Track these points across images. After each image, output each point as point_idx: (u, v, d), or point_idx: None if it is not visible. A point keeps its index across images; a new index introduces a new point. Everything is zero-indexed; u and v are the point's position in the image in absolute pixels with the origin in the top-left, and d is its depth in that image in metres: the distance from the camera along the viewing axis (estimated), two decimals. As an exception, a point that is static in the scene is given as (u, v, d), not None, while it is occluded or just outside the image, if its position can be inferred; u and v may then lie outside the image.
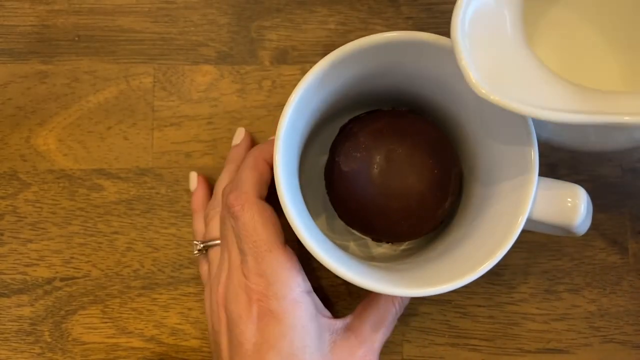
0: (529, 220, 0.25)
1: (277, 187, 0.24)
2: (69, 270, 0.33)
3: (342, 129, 0.30)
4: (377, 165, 0.27)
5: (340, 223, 0.31)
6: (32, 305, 0.33)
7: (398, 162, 0.27)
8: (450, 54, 0.25)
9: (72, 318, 0.33)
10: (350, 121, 0.30)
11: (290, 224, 0.24)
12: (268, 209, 0.27)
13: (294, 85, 0.25)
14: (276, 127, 0.25)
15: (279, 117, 0.25)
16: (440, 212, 0.29)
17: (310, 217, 0.28)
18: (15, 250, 0.33)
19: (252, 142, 0.33)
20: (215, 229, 0.30)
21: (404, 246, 0.33)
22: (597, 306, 0.33)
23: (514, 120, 0.25)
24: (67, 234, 0.33)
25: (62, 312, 0.33)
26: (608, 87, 0.24)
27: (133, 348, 0.33)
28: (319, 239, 0.26)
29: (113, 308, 0.33)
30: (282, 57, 0.34)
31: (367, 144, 0.28)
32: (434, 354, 0.33)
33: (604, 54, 0.26)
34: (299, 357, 0.25)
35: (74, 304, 0.33)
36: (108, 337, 0.33)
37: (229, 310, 0.27)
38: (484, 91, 0.22)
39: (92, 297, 0.33)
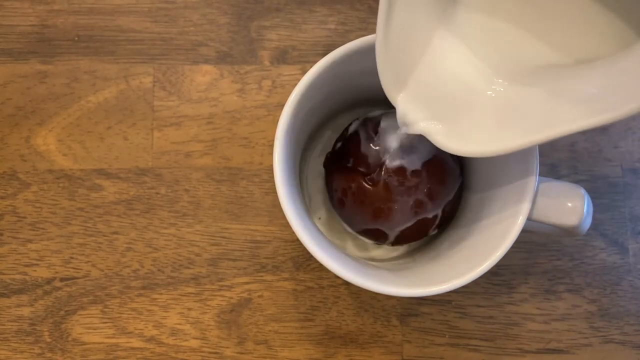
0: (529, 221, 0.25)
1: (276, 187, 0.24)
2: (68, 270, 0.33)
3: (340, 136, 0.30)
4: (377, 169, 0.28)
5: (339, 223, 0.31)
6: (31, 305, 0.33)
7: (390, 162, 0.27)
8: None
9: (72, 318, 0.33)
10: (348, 126, 0.30)
11: (290, 224, 0.24)
12: None
13: (294, 85, 0.25)
14: (276, 127, 0.25)
15: (279, 117, 0.25)
16: (441, 215, 0.29)
17: (309, 218, 0.28)
18: (15, 250, 0.33)
19: None
20: None
21: (403, 246, 0.33)
22: (597, 306, 0.33)
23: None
24: (66, 234, 0.33)
25: (62, 312, 0.33)
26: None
27: (133, 348, 0.33)
28: (319, 239, 0.26)
29: (113, 308, 0.33)
30: (282, 57, 0.34)
31: (366, 148, 0.28)
32: (434, 354, 0.33)
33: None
34: None
35: (73, 304, 0.33)
36: (108, 337, 0.33)
37: None
38: (452, 147, 0.23)
39: (92, 297, 0.33)
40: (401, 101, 0.24)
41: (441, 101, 0.24)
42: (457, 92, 0.23)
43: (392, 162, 0.27)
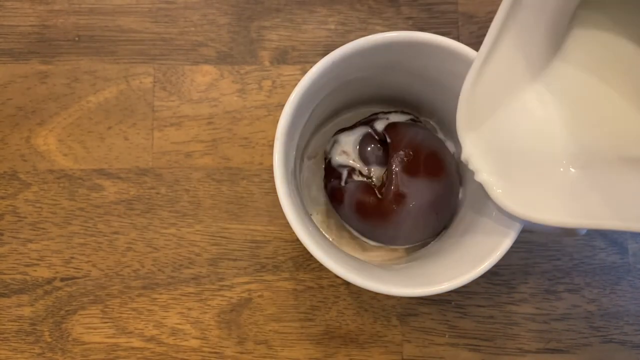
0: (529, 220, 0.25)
1: (276, 187, 0.24)
2: (69, 270, 0.33)
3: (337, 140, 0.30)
4: (381, 181, 0.28)
5: (339, 222, 0.31)
6: (32, 305, 0.33)
7: (398, 172, 0.27)
8: (450, 54, 0.25)
9: (72, 318, 0.33)
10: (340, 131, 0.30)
11: (290, 224, 0.24)
12: None
13: (294, 85, 0.25)
14: (276, 127, 0.25)
15: (279, 117, 0.25)
16: (442, 220, 0.29)
17: (309, 218, 0.28)
18: (15, 250, 0.33)
19: None
20: None
21: (403, 247, 0.33)
22: (597, 306, 0.33)
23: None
24: (67, 234, 0.33)
25: (62, 312, 0.33)
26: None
27: (133, 348, 0.33)
28: (319, 239, 0.26)
29: (113, 308, 0.33)
30: (282, 57, 0.34)
31: (365, 156, 0.28)
32: (434, 354, 0.33)
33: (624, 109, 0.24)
34: None
35: (74, 304, 0.33)
36: (108, 337, 0.33)
37: None
38: (509, 206, 0.23)
39: (92, 297, 0.33)
40: (469, 143, 0.23)
41: (508, 156, 0.23)
42: (526, 153, 0.23)
43: (394, 166, 0.27)
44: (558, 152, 0.23)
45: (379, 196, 0.27)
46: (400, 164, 0.27)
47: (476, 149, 0.23)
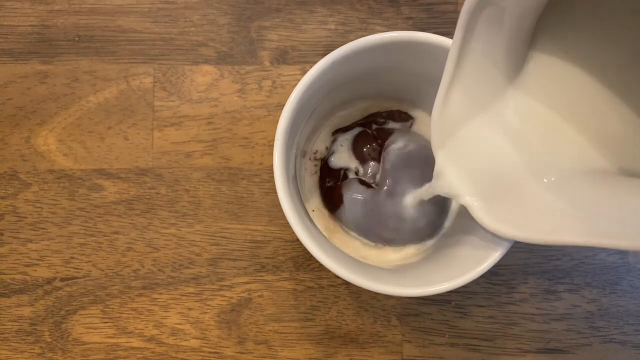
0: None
1: (276, 187, 0.24)
2: (69, 270, 0.33)
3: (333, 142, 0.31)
4: (376, 179, 0.28)
5: (338, 222, 0.31)
6: (32, 305, 0.33)
7: (392, 167, 0.28)
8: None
9: (72, 318, 0.33)
10: (337, 132, 0.31)
11: (290, 224, 0.24)
12: None
13: (294, 85, 0.25)
14: (276, 127, 0.25)
15: (279, 117, 0.25)
16: (441, 220, 0.29)
17: (309, 217, 0.28)
18: (15, 250, 0.33)
19: None
20: None
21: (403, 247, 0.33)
22: (597, 306, 0.33)
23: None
24: (67, 234, 0.33)
25: (62, 312, 0.33)
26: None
27: (133, 348, 0.33)
28: (319, 239, 0.26)
29: (113, 308, 0.33)
30: (282, 57, 0.34)
31: (362, 159, 0.28)
32: (434, 354, 0.33)
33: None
34: None
35: (74, 304, 0.33)
36: (108, 337, 0.33)
37: None
38: (492, 226, 0.23)
39: (92, 297, 0.33)
40: (441, 157, 0.24)
41: (481, 173, 0.24)
42: (499, 171, 0.24)
43: (387, 162, 0.27)
44: (530, 169, 0.23)
45: (374, 190, 0.28)
46: (393, 158, 0.27)
47: (446, 163, 0.24)
